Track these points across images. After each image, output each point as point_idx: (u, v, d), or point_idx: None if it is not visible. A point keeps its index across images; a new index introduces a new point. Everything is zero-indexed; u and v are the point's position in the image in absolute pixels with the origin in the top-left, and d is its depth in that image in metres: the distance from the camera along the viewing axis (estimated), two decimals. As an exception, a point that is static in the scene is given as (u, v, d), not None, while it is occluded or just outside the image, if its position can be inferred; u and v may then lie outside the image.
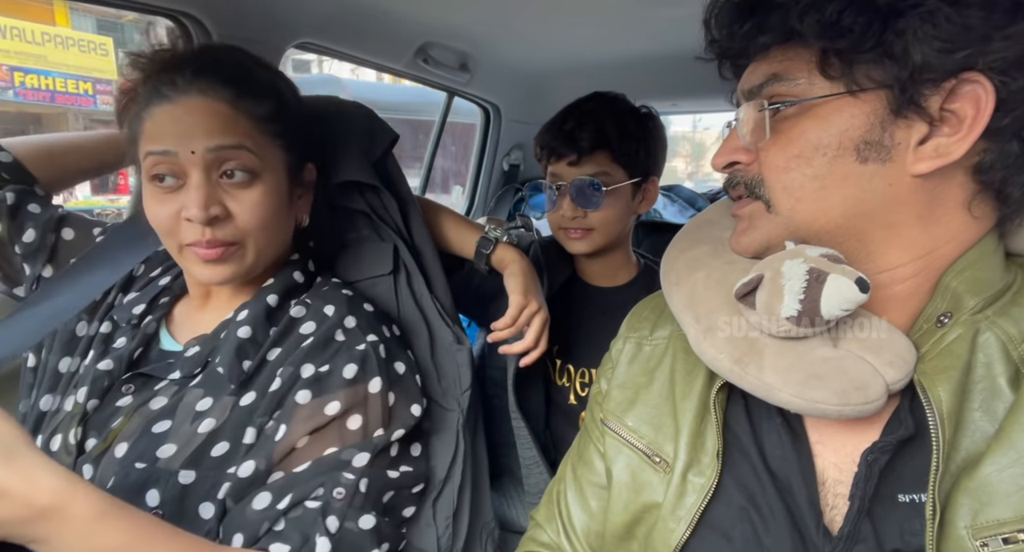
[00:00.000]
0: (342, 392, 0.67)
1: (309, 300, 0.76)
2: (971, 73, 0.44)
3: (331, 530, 0.62)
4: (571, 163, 1.06)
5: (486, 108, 1.94)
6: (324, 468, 0.65)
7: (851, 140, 0.48)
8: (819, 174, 0.50)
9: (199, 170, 0.65)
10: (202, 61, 0.69)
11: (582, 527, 0.67)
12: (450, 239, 1.02)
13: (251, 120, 0.68)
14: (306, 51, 1.26)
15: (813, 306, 0.47)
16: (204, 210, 0.64)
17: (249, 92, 0.68)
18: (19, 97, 8.81)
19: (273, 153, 0.71)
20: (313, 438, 0.66)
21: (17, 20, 8.35)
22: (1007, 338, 0.46)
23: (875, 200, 0.49)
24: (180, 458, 0.64)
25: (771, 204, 0.53)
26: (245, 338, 0.70)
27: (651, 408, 0.63)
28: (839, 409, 0.47)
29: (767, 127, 0.52)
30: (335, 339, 0.71)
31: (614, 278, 1.15)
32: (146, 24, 7.29)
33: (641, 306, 0.74)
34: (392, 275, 0.87)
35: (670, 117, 2.98)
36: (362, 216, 0.90)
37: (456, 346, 0.85)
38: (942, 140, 0.46)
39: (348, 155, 0.86)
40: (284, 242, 0.77)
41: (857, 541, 0.48)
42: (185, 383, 0.70)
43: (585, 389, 1.12)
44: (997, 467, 0.42)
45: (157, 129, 0.66)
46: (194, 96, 0.66)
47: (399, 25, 1.29)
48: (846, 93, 0.48)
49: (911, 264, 0.50)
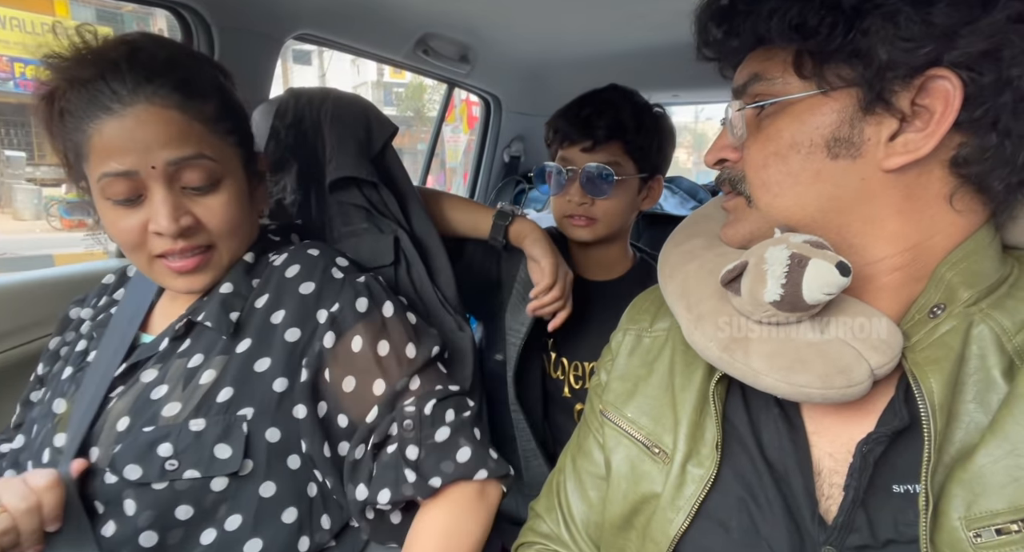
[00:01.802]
0: (360, 325, 0.71)
1: (291, 247, 0.77)
2: (938, 69, 0.45)
3: (411, 458, 0.68)
4: (584, 149, 1.05)
5: (487, 100, 1.93)
6: (387, 408, 0.70)
7: (822, 137, 0.50)
8: (793, 170, 0.51)
9: (161, 183, 0.64)
10: (137, 63, 0.64)
11: (581, 518, 0.68)
12: (461, 221, 1.03)
13: (203, 123, 0.66)
14: (306, 42, 1.26)
15: (795, 290, 0.47)
16: (175, 222, 0.64)
17: (196, 93, 0.66)
18: (20, 88, 8.79)
19: (229, 153, 0.69)
20: (358, 378, 0.70)
21: (16, 10, 8.32)
22: (1001, 330, 0.47)
23: (849, 195, 0.50)
24: (185, 412, 0.65)
25: (751, 199, 0.55)
26: (228, 293, 0.71)
27: (650, 399, 0.63)
28: (823, 392, 0.47)
29: (750, 125, 0.55)
30: (334, 277, 0.73)
31: (610, 271, 1.16)
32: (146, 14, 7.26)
33: (641, 298, 0.75)
34: (393, 266, 0.87)
35: (672, 108, 2.98)
36: (361, 210, 0.90)
37: (458, 333, 0.85)
38: (911, 135, 0.47)
39: (345, 150, 0.86)
40: (251, 236, 0.76)
41: (851, 531, 0.48)
42: (172, 350, 0.70)
43: (579, 382, 1.13)
44: (991, 458, 0.43)
45: (109, 146, 0.62)
46: (142, 105, 0.62)
47: (399, 16, 1.28)
48: (818, 92, 0.49)
49: (898, 256, 0.51)
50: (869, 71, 0.46)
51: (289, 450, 0.68)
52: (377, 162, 0.89)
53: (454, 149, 8.76)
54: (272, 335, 0.70)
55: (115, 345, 0.72)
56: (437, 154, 2.13)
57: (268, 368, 0.68)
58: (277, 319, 0.70)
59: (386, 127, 0.91)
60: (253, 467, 0.66)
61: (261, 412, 0.67)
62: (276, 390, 0.68)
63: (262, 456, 0.66)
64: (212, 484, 0.64)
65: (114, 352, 0.71)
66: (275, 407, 0.68)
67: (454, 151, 8.65)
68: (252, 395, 0.67)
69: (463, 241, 1.10)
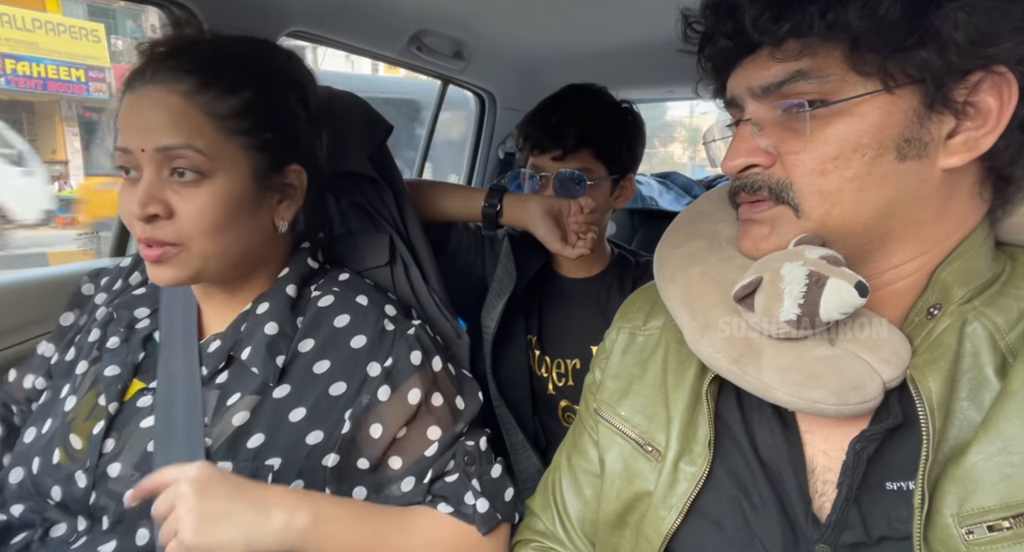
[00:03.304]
0: (415, 378, 0.71)
1: (335, 288, 0.76)
2: (999, 66, 0.44)
3: (479, 489, 0.71)
4: (555, 158, 1.06)
5: (481, 96, 1.92)
6: (446, 446, 0.72)
7: (891, 138, 0.47)
8: (858, 175, 0.48)
9: (150, 167, 0.63)
10: (177, 49, 0.66)
11: (577, 515, 0.68)
12: (455, 207, 1.05)
13: (206, 115, 0.64)
14: (299, 40, 1.25)
15: (812, 310, 0.47)
16: (142, 207, 0.62)
17: (212, 84, 0.64)
18: (11, 85, 8.73)
19: (233, 151, 0.66)
20: (410, 428, 0.70)
21: (7, 6, 8.25)
22: (994, 328, 0.47)
23: (907, 198, 0.49)
24: (213, 449, 0.65)
25: (800, 209, 0.51)
26: (274, 334, 0.70)
27: (644, 398, 0.63)
28: (837, 409, 0.47)
29: (792, 128, 0.50)
30: (386, 329, 0.73)
31: (589, 269, 1.16)
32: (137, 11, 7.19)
33: (635, 296, 0.74)
34: (389, 266, 0.87)
35: (667, 103, 2.97)
36: (358, 208, 0.89)
37: (455, 341, 0.85)
38: (971, 133, 0.46)
39: (343, 146, 0.86)
40: (256, 247, 0.72)
41: (845, 528, 0.49)
42: (211, 379, 0.69)
43: (562, 379, 1.14)
44: (983, 456, 0.43)
45: (123, 123, 0.64)
46: (153, 87, 0.63)
47: (392, 12, 1.27)
48: (883, 90, 0.46)
49: (917, 259, 0.51)
50: (939, 66, 0.44)
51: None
52: (373, 160, 0.89)
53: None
54: (313, 386, 0.69)
55: (182, 360, 0.70)
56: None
57: (303, 419, 0.67)
58: (321, 369, 0.70)
59: (382, 125, 0.91)
60: None
61: (289, 462, 0.66)
62: (309, 443, 0.67)
63: None
64: None
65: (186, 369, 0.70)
66: (303, 458, 0.67)
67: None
68: (283, 445, 0.66)
69: (448, 234, 1.10)
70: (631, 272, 1.15)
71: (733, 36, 0.50)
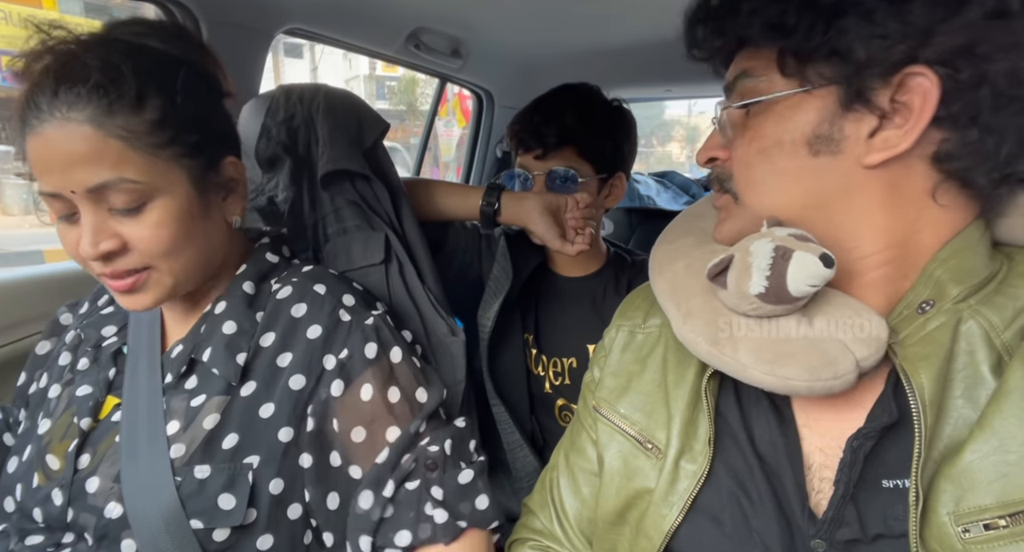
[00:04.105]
0: (369, 372, 0.68)
1: (294, 279, 0.73)
2: (915, 66, 0.45)
3: (439, 498, 0.66)
4: (537, 157, 1.07)
5: (479, 94, 1.92)
6: (403, 449, 0.67)
7: (803, 135, 0.50)
8: (778, 168, 0.52)
9: (86, 206, 0.59)
10: (66, 68, 0.57)
11: (574, 514, 0.68)
12: (453, 206, 1.04)
13: (124, 140, 0.58)
14: (295, 37, 1.24)
15: (780, 282, 0.48)
16: (94, 247, 0.59)
17: (119, 102, 0.58)
18: (6, 82, 8.69)
19: (165, 168, 0.61)
20: (369, 431, 0.67)
21: (3, 3, 8.21)
22: (989, 326, 0.47)
23: (831, 191, 0.51)
24: (189, 454, 0.64)
25: (738, 197, 0.56)
26: (232, 333, 0.69)
27: (643, 395, 0.63)
28: (809, 384, 0.48)
29: (738, 124, 0.56)
30: (342, 320, 0.70)
31: (585, 267, 1.16)
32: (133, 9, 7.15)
33: (634, 295, 0.75)
34: (384, 265, 0.86)
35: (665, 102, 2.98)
36: (352, 206, 0.89)
37: (450, 338, 0.85)
38: (891, 132, 0.47)
39: (337, 145, 0.86)
40: (217, 250, 0.70)
41: (841, 525, 0.49)
42: (176, 384, 0.69)
43: (559, 378, 1.14)
44: (979, 454, 0.43)
45: (35, 166, 0.59)
46: (56, 121, 0.56)
47: (390, 10, 1.27)
48: (800, 90, 0.50)
49: (885, 251, 0.51)
50: (848, 69, 0.47)
51: (291, 500, 0.67)
52: (368, 158, 0.89)
53: (447, 143, 8.76)
54: (278, 380, 0.67)
55: (146, 370, 0.69)
56: (430, 149, 2.12)
57: (273, 415, 0.66)
58: (284, 362, 0.68)
59: (377, 123, 0.91)
60: (256, 517, 0.64)
61: (267, 460, 0.65)
62: (282, 440, 0.66)
63: (265, 507, 0.64)
64: (214, 535, 0.62)
65: (149, 378, 0.69)
66: (280, 457, 0.65)
67: (447, 146, 8.65)
68: (258, 443, 0.65)
69: (445, 232, 1.10)
70: (627, 271, 1.15)
71: (699, 45, 0.57)
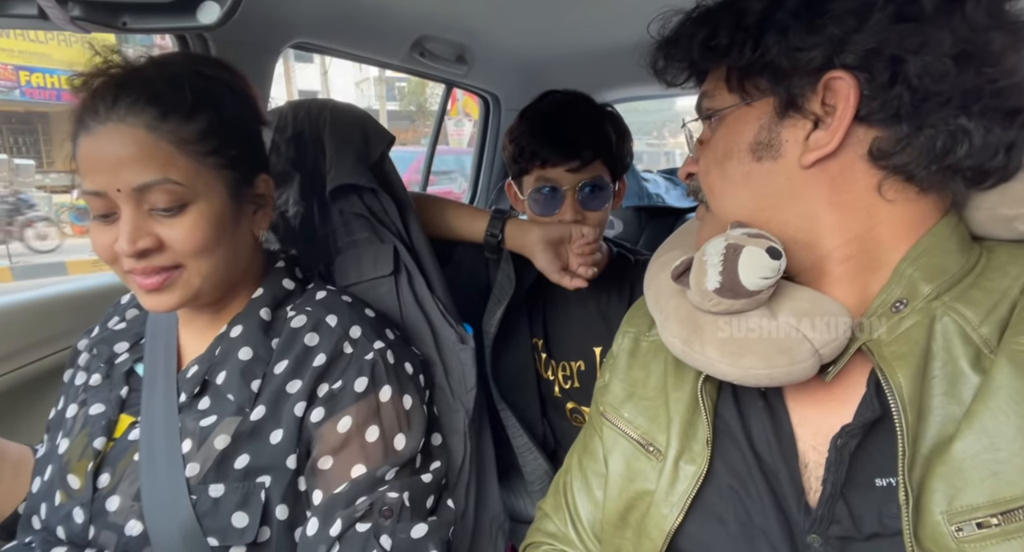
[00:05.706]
0: (353, 407, 0.69)
1: (308, 308, 0.75)
2: (834, 71, 0.49)
3: (387, 548, 0.65)
4: (570, 169, 1.05)
5: (485, 99, 1.93)
6: (362, 489, 0.67)
7: (746, 143, 0.55)
8: (728, 174, 0.57)
9: (128, 205, 0.63)
10: (124, 83, 0.64)
11: (588, 517, 0.69)
12: (460, 228, 1.06)
13: (174, 144, 0.64)
14: (302, 50, 1.27)
15: (732, 276, 0.51)
16: (132, 244, 0.62)
17: (173, 111, 0.64)
18: (26, 96, 8.86)
19: (206, 174, 0.66)
20: (337, 458, 0.68)
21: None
22: (964, 322, 0.48)
23: (778, 193, 0.54)
24: (203, 473, 0.66)
25: (707, 203, 0.61)
26: (248, 360, 0.70)
27: (647, 401, 0.65)
28: (768, 372, 0.50)
29: (703, 138, 0.62)
30: (344, 352, 0.71)
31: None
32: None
33: (641, 302, 0.76)
34: (393, 276, 0.88)
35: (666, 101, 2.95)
36: (361, 219, 0.91)
37: (460, 345, 0.86)
38: (820, 133, 0.51)
39: (344, 159, 0.87)
40: (241, 260, 0.73)
41: (832, 522, 0.50)
42: (191, 404, 0.70)
43: (568, 381, 1.15)
44: (970, 452, 0.43)
45: (85, 165, 0.63)
46: (112, 124, 0.62)
47: (394, 20, 1.29)
48: (742, 103, 0.55)
49: (843, 247, 0.53)
50: (777, 80, 0.52)
51: (297, 524, 0.68)
52: (375, 171, 0.91)
53: (458, 141, 8.80)
54: (285, 406, 0.69)
55: (163, 389, 0.71)
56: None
57: (281, 441, 0.68)
58: (293, 389, 0.69)
59: (383, 136, 0.92)
60: (269, 536, 0.66)
61: (276, 483, 0.67)
62: (289, 467, 0.67)
63: (275, 526, 0.66)
64: None
65: (165, 397, 0.70)
66: (288, 483, 0.67)
67: (458, 143, 8.69)
68: (269, 466, 0.67)
69: (453, 243, 1.11)
70: (630, 272, 1.15)
71: (661, 73, 0.63)
